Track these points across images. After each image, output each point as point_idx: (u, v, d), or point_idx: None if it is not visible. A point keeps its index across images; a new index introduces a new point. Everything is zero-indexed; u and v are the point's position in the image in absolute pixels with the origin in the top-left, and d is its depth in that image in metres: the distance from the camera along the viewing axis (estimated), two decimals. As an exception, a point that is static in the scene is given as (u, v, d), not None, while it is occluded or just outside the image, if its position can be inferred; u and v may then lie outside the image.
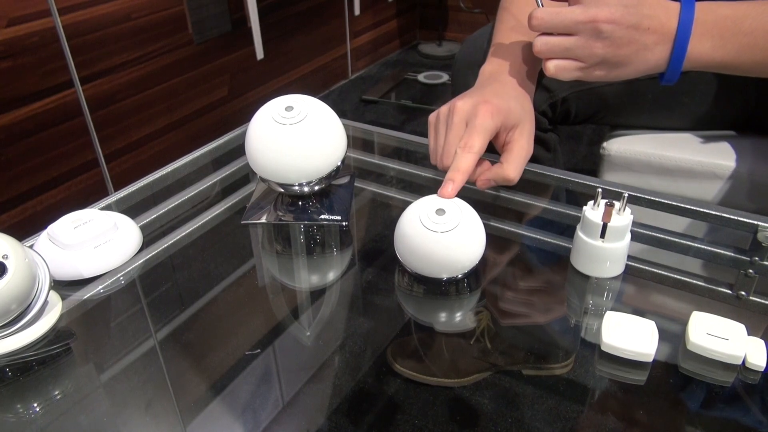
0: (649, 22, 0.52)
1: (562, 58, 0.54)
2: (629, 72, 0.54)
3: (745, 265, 0.52)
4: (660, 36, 0.52)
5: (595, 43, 0.52)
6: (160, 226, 0.61)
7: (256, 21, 1.72)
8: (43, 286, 0.46)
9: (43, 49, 1.21)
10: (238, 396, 0.42)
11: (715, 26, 0.52)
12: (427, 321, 0.49)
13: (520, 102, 0.58)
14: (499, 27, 0.67)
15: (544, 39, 0.54)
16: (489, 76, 0.61)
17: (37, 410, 0.42)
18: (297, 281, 0.55)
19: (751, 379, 0.42)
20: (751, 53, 0.52)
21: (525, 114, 0.57)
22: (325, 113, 0.57)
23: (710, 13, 0.53)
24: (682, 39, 0.52)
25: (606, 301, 0.50)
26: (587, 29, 0.52)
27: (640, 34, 0.52)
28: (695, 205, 0.56)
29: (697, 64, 0.53)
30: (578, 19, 0.52)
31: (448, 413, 0.40)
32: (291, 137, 0.55)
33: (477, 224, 0.49)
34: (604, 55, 0.53)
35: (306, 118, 0.55)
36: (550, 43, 0.54)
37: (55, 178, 1.31)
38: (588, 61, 0.53)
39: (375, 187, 0.67)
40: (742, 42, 0.52)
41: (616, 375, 0.43)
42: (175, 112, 1.58)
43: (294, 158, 0.55)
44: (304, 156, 0.55)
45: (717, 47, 0.52)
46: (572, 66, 0.54)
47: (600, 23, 0.51)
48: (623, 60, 0.53)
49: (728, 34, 0.52)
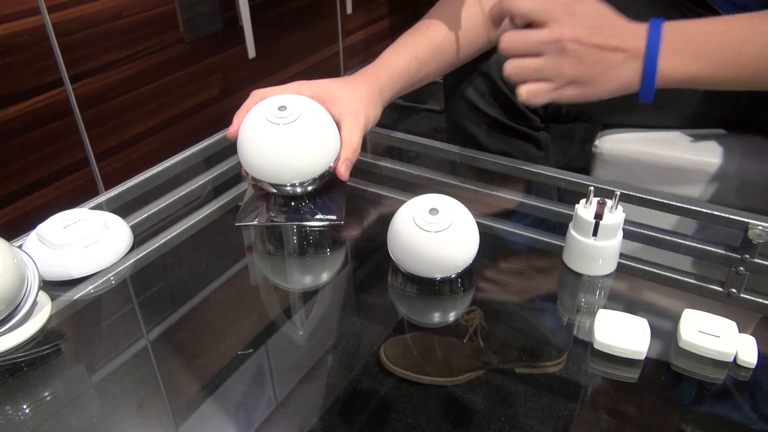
0: (616, 42, 0.53)
1: (534, 81, 0.55)
2: (602, 91, 0.54)
3: (736, 262, 0.52)
4: (629, 55, 0.53)
5: (563, 61, 0.53)
6: (150, 226, 0.61)
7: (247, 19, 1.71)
8: (32, 286, 0.46)
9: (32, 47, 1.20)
10: (231, 396, 0.42)
11: (684, 43, 0.53)
12: (420, 320, 0.49)
13: (348, 90, 0.60)
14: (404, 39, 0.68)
15: (513, 62, 0.55)
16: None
17: (27, 412, 0.41)
18: (290, 281, 0.55)
19: (742, 376, 0.42)
20: (724, 68, 0.52)
21: (346, 93, 0.60)
22: (318, 113, 0.57)
23: (678, 31, 0.53)
24: (652, 56, 0.52)
25: (598, 299, 0.50)
26: (554, 49, 0.53)
27: (607, 53, 0.53)
28: (686, 203, 0.56)
29: (671, 81, 0.53)
30: (543, 39, 0.53)
31: (442, 412, 0.40)
32: (284, 137, 0.54)
33: (470, 224, 0.49)
34: (573, 74, 0.53)
35: (299, 118, 0.54)
36: (520, 65, 0.54)
37: (44, 177, 1.29)
38: (558, 81, 0.54)
39: (368, 186, 0.67)
40: (714, 57, 0.52)
41: (608, 373, 0.43)
42: (166, 111, 1.57)
43: (287, 158, 0.55)
44: (297, 156, 0.55)
45: (689, 63, 0.52)
46: (544, 88, 0.54)
47: (565, 42, 0.52)
48: (594, 78, 0.53)
49: (699, 50, 0.52)
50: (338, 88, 0.60)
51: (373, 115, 0.62)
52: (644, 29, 0.53)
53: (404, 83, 0.67)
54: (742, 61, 0.51)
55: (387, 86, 0.64)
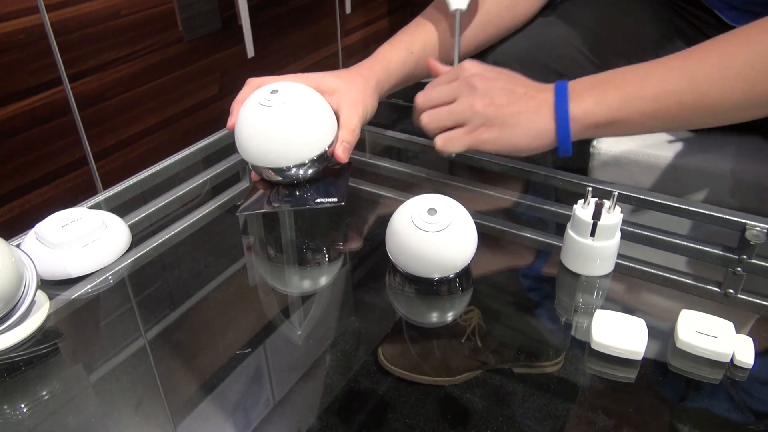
0: (524, 89, 0.55)
1: (449, 128, 0.55)
2: (518, 137, 0.54)
3: (734, 263, 0.52)
4: (540, 101, 0.54)
5: (473, 101, 0.54)
6: (149, 225, 0.61)
7: (246, 19, 1.71)
8: (30, 285, 0.46)
9: (30, 46, 1.20)
10: (229, 396, 0.42)
11: (590, 87, 0.54)
12: (418, 320, 0.49)
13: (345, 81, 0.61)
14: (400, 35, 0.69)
15: (427, 112, 0.56)
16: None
17: (24, 411, 0.41)
18: (288, 281, 0.55)
19: (739, 377, 0.42)
20: (632, 105, 0.52)
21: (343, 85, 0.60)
22: (310, 95, 0.56)
23: (582, 81, 0.55)
24: (561, 101, 0.53)
25: (596, 299, 0.50)
26: (463, 89, 0.55)
27: (518, 98, 0.54)
28: (684, 204, 0.56)
29: (587, 126, 0.53)
30: (453, 84, 0.55)
31: (440, 412, 0.40)
32: (276, 119, 0.54)
33: (468, 224, 0.49)
34: (485, 113, 0.54)
35: (291, 99, 0.54)
36: (434, 112, 0.55)
37: (43, 176, 1.29)
38: (472, 121, 0.54)
39: (366, 186, 0.67)
40: (620, 94, 0.52)
41: (605, 373, 0.43)
42: (164, 111, 1.57)
43: (281, 140, 0.54)
44: (290, 137, 0.54)
45: (598, 103, 0.53)
46: (458, 133, 0.55)
47: (474, 81, 0.54)
48: (508, 120, 0.54)
49: (605, 89, 0.53)
50: (335, 80, 0.61)
51: (371, 106, 0.63)
52: (549, 85, 0.55)
53: (400, 78, 0.67)
54: (648, 95, 0.52)
55: (383, 79, 0.65)
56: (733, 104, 0.50)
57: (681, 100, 0.51)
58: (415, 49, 0.67)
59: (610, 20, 0.74)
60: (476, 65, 0.57)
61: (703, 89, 0.50)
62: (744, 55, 0.49)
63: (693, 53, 0.52)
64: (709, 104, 0.51)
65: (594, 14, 0.75)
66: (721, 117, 0.52)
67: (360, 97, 0.61)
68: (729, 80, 0.49)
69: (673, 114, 0.52)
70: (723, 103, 0.50)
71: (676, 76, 0.51)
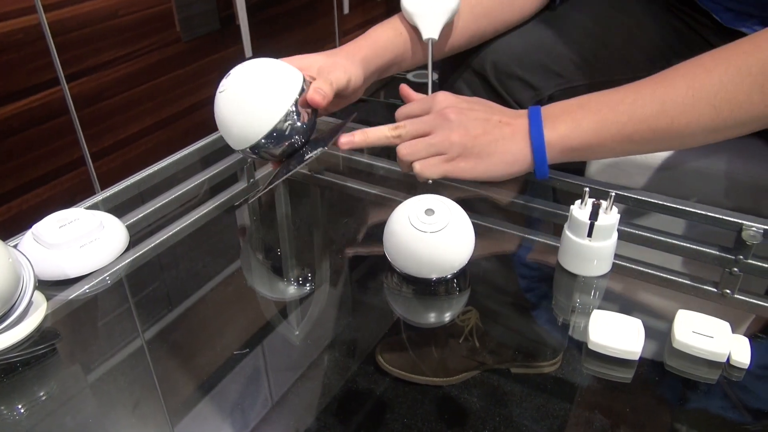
0: (498, 117, 0.56)
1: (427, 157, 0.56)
2: (494, 164, 0.55)
3: (730, 263, 0.53)
4: (514, 128, 0.55)
5: (450, 133, 0.55)
6: (147, 226, 0.61)
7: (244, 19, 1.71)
8: (28, 286, 0.46)
9: (28, 46, 1.20)
10: (227, 397, 0.42)
11: (563, 112, 0.55)
12: (416, 321, 0.49)
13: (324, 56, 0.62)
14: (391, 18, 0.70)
15: (404, 144, 0.56)
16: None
17: (22, 412, 0.41)
18: (286, 281, 0.55)
19: (736, 377, 0.42)
20: (605, 129, 0.53)
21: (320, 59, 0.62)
22: (272, 64, 0.55)
23: (554, 106, 0.56)
24: (536, 126, 0.54)
25: (593, 299, 0.51)
26: (438, 123, 0.55)
27: (492, 126, 0.55)
28: (681, 204, 0.56)
29: (563, 151, 0.54)
30: (428, 117, 0.56)
31: (437, 412, 0.40)
32: (238, 91, 0.52)
33: (466, 224, 0.49)
34: (463, 143, 0.55)
35: (251, 67, 0.54)
36: (411, 144, 0.56)
37: (40, 176, 1.29)
38: (450, 152, 0.55)
39: (364, 186, 0.67)
40: (594, 119, 0.53)
41: (602, 373, 0.43)
42: (162, 111, 1.56)
43: (240, 119, 0.52)
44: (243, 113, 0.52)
45: (572, 128, 0.54)
46: (435, 161, 0.56)
47: (448, 113, 0.55)
48: (484, 149, 0.55)
49: (578, 115, 0.54)
50: (312, 57, 0.62)
51: (354, 74, 0.62)
52: (523, 111, 0.56)
53: (389, 56, 0.67)
54: (621, 120, 0.52)
55: (370, 55, 0.65)
56: (702, 129, 0.51)
57: (651, 125, 0.52)
58: (404, 31, 0.68)
59: (608, 21, 0.74)
60: (449, 97, 0.58)
61: (672, 115, 0.51)
62: (710, 81, 0.50)
63: (664, 78, 0.53)
64: (679, 129, 0.51)
65: (592, 15, 0.75)
66: (691, 141, 0.53)
67: (341, 62, 0.61)
68: (696, 106, 0.50)
69: (646, 138, 0.53)
70: (692, 128, 0.51)
71: (648, 102, 0.52)
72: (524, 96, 0.71)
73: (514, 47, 0.72)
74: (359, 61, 0.64)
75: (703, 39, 0.74)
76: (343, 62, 0.62)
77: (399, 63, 0.70)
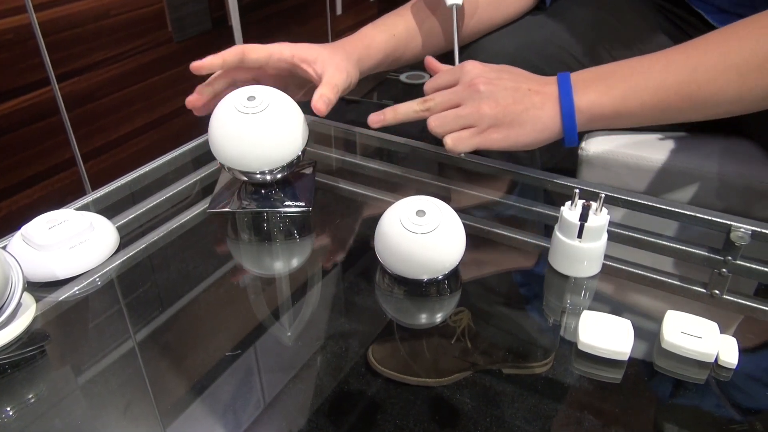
0: (527, 85, 0.55)
1: (458, 130, 0.56)
2: (527, 133, 0.55)
3: (719, 264, 0.53)
4: (544, 96, 0.55)
5: (480, 104, 0.55)
6: (138, 227, 0.60)
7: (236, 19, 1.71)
8: (17, 287, 0.45)
9: (18, 46, 1.19)
10: (218, 398, 0.42)
11: (593, 79, 0.55)
12: (407, 322, 0.50)
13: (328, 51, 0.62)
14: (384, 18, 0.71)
15: (435, 116, 0.57)
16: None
17: (11, 414, 0.41)
18: (277, 282, 0.55)
19: (724, 377, 0.43)
20: (635, 96, 0.53)
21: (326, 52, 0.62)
22: (286, 103, 0.58)
23: (584, 72, 0.56)
24: (566, 93, 0.54)
25: (583, 300, 0.51)
26: (469, 94, 0.55)
27: (523, 95, 0.55)
28: (670, 206, 0.57)
29: (592, 118, 0.55)
30: (458, 89, 0.56)
31: (429, 413, 0.40)
32: (253, 126, 0.55)
33: (457, 225, 0.50)
34: (494, 115, 0.54)
35: (268, 108, 0.56)
36: (441, 116, 0.56)
37: (30, 177, 1.28)
38: (480, 124, 0.55)
39: (355, 187, 0.67)
40: (623, 86, 0.54)
41: (592, 373, 0.43)
42: (154, 111, 1.56)
43: (256, 146, 0.56)
44: (265, 145, 0.56)
45: (602, 94, 0.54)
46: (467, 134, 0.56)
47: (478, 85, 0.55)
48: (515, 118, 0.55)
49: (609, 81, 0.54)
50: (318, 49, 0.62)
51: (353, 76, 0.63)
52: (552, 77, 0.56)
53: (381, 58, 0.68)
54: (650, 86, 0.53)
55: (364, 56, 0.66)
56: (729, 97, 0.52)
57: (679, 91, 0.52)
58: (398, 31, 0.68)
59: (599, 22, 0.75)
60: (477, 66, 0.57)
61: (701, 81, 0.52)
62: (740, 48, 0.51)
63: (696, 46, 0.53)
64: (705, 97, 0.52)
65: (583, 16, 0.75)
66: (715, 110, 0.53)
67: (343, 64, 0.62)
68: (725, 73, 0.51)
69: (674, 106, 0.53)
70: (718, 96, 0.52)
71: (680, 67, 0.52)
72: None
73: (504, 47, 0.72)
74: (355, 62, 0.64)
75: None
76: (344, 64, 0.62)
77: (389, 64, 0.70)
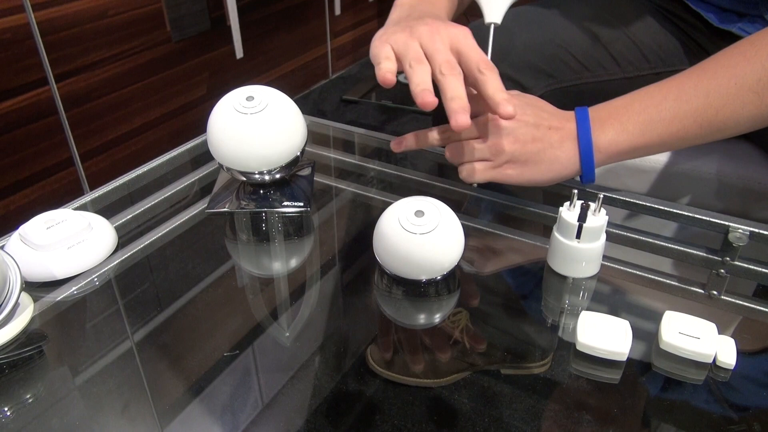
0: (549, 122, 0.55)
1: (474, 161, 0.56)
2: (542, 171, 0.55)
3: (717, 265, 0.53)
4: (563, 134, 0.54)
5: (499, 140, 0.54)
6: (136, 227, 0.60)
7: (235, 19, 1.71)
8: (14, 287, 0.45)
9: (16, 45, 1.19)
10: (216, 399, 0.42)
11: (609, 116, 0.54)
12: (406, 322, 0.50)
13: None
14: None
15: (452, 145, 0.56)
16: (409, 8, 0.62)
17: (8, 415, 0.41)
18: (275, 282, 0.55)
19: (722, 377, 0.43)
20: (652, 130, 0.53)
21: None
22: (285, 103, 0.58)
23: (601, 108, 0.55)
24: (584, 132, 0.54)
25: (582, 300, 0.51)
26: (489, 128, 0.54)
27: (543, 132, 0.54)
28: (668, 206, 0.57)
29: (610, 155, 0.55)
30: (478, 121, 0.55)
31: (427, 413, 0.40)
32: (252, 126, 0.56)
33: (456, 226, 0.50)
34: (511, 152, 0.54)
35: (266, 108, 0.56)
36: (459, 146, 0.56)
37: (28, 177, 1.28)
38: (498, 159, 0.55)
39: (354, 187, 0.67)
40: (640, 120, 0.53)
41: (590, 374, 0.43)
42: (152, 111, 1.56)
43: (255, 146, 0.56)
44: (264, 145, 0.56)
45: (620, 132, 0.54)
46: (482, 166, 0.55)
47: (498, 120, 0.54)
48: (532, 157, 0.54)
49: (625, 118, 0.54)
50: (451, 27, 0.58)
51: None
52: (571, 113, 0.56)
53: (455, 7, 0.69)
54: (666, 117, 0.53)
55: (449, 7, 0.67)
56: (747, 117, 0.52)
57: (697, 119, 0.52)
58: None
59: (598, 22, 0.75)
60: None
61: (717, 106, 0.52)
62: (751, 68, 0.51)
63: (704, 70, 0.53)
64: (724, 120, 0.52)
65: (583, 16, 0.75)
66: (735, 130, 0.53)
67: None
68: (740, 95, 0.51)
69: (691, 133, 0.53)
70: (736, 117, 0.52)
71: (692, 96, 0.52)
72: None
73: (504, 47, 0.72)
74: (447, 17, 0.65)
75: (695, 41, 0.75)
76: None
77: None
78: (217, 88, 1.68)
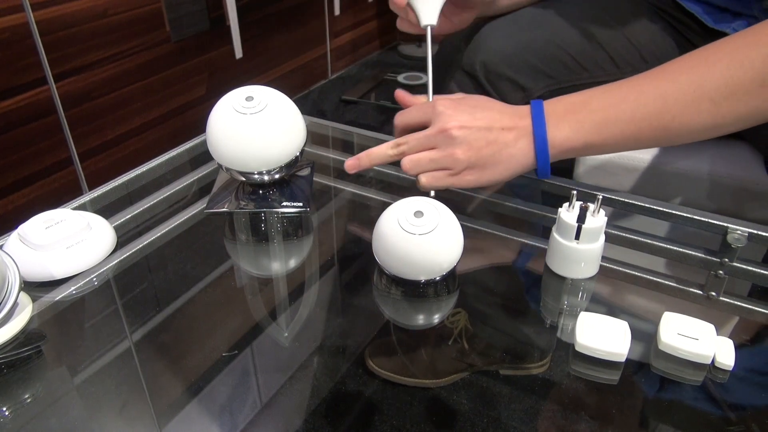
0: (501, 122, 0.55)
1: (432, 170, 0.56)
2: (501, 171, 0.55)
3: (715, 266, 0.53)
4: (518, 132, 0.54)
5: (454, 150, 0.54)
6: (135, 227, 0.60)
7: (234, 19, 1.71)
8: (13, 287, 0.45)
9: (15, 45, 1.19)
10: (214, 399, 0.42)
11: (566, 112, 0.54)
12: (405, 322, 0.50)
13: None
14: None
15: (409, 158, 0.56)
16: None
17: (7, 414, 0.41)
18: (275, 283, 0.55)
19: (720, 378, 0.43)
20: (608, 129, 0.53)
21: None
22: (284, 104, 0.58)
23: (558, 103, 0.55)
24: (539, 129, 0.54)
25: (580, 301, 0.51)
26: (442, 139, 0.55)
27: (496, 134, 0.54)
28: (667, 207, 0.57)
29: (565, 151, 0.55)
30: (430, 132, 0.55)
31: (426, 413, 0.40)
32: (251, 126, 0.56)
33: (455, 226, 0.50)
34: (467, 159, 0.54)
35: (266, 108, 0.56)
36: (414, 158, 0.56)
37: (27, 177, 1.28)
38: (455, 167, 0.55)
39: (353, 188, 0.67)
40: (596, 120, 0.53)
41: (589, 375, 0.43)
42: (151, 111, 1.56)
43: (254, 147, 0.56)
44: (264, 145, 0.56)
45: (575, 129, 0.54)
46: (441, 174, 0.56)
47: (451, 131, 0.54)
48: (489, 160, 0.54)
49: (581, 115, 0.54)
50: None
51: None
52: (526, 109, 0.56)
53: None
54: (623, 118, 0.53)
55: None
56: (702, 125, 0.51)
57: (653, 123, 0.52)
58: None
59: (596, 22, 0.75)
60: (449, 107, 0.56)
61: (674, 112, 0.51)
62: (711, 76, 0.50)
63: (665, 73, 0.53)
64: (679, 127, 0.52)
65: (581, 17, 0.76)
66: (690, 137, 0.53)
67: None
68: (697, 102, 0.50)
69: (646, 136, 0.53)
70: (693, 124, 0.51)
71: (650, 99, 0.52)
72: (514, 97, 0.72)
73: (504, 48, 0.72)
74: None
75: (689, 41, 0.75)
76: None
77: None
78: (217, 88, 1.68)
